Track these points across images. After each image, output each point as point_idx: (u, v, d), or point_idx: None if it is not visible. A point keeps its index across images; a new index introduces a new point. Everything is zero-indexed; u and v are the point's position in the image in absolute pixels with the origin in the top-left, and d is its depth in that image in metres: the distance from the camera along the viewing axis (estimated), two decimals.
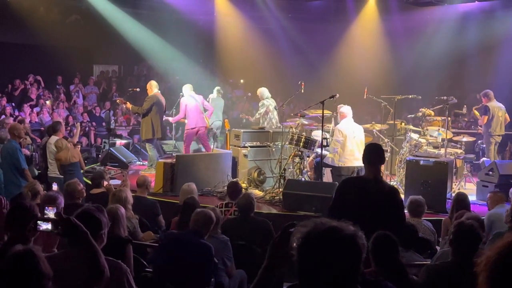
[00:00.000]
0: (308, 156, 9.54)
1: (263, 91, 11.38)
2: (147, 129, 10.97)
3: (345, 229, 1.92)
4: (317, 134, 9.61)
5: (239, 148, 10.08)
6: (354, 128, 9.20)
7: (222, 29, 17.72)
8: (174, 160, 9.47)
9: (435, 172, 8.29)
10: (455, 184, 10.05)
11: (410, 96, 10.84)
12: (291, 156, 9.29)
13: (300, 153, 9.21)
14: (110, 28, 16.26)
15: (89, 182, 8.08)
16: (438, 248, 5.82)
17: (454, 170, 10.35)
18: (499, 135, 11.09)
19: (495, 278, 1.97)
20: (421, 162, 8.47)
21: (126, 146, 13.32)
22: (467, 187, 9.74)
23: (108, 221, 3.46)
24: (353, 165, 9.02)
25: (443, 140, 10.02)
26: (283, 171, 9.22)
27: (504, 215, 5.70)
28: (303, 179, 9.18)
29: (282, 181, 9.04)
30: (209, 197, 9.01)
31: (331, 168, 9.31)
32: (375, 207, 4.47)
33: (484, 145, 11.15)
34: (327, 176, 9.42)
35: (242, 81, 20.18)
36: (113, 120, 14.74)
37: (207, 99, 12.59)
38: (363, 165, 8.90)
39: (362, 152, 8.83)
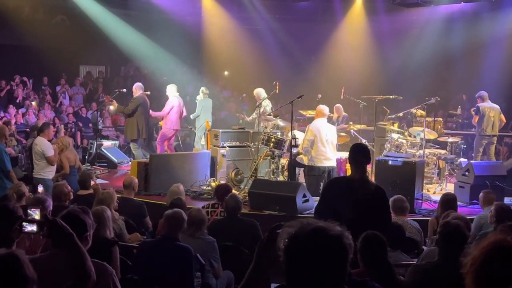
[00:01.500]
0: (281, 156, 9.57)
1: (260, 91, 11.33)
2: (132, 129, 11.14)
3: (332, 229, 1.91)
4: (295, 134, 9.67)
5: (218, 148, 10.16)
6: (326, 128, 9.20)
7: (209, 29, 17.70)
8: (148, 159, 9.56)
9: (403, 172, 8.31)
10: (438, 185, 10.12)
11: (391, 97, 10.89)
12: (262, 156, 9.49)
13: (271, 153, 9.38)
14: (97, 28, 16.18)
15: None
16: (425, 247, 5.84)
17: (437, 170, 10.44)
18: (489, 135, 11.11)
19: (481, 278, 1.98)
20: (390, 162, 8.51)
21: (123, 146, 13.32)
22: (448, 188, 9.78)
23: (93, 222, 3.44)
24: (324, 165, 9.06)
25: (421, 140, 10.08)
26: (254, 171, 9.42)
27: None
28: (278, 178, 9.28)
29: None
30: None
31: (303, 168, 9.36)
32: (362, 207, 4.48)
33: (465, 146, 11.12)
34: (301, 176, 9.52)
35: (226, 73, 20.12)
36: (100, 121, 14.68)
37: (196, 101, 12.63)
38: (334, 165, 9.08)
39: (334, 152, 9.07)
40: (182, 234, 4.95)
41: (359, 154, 4.73)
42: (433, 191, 9.84)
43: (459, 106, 15.82)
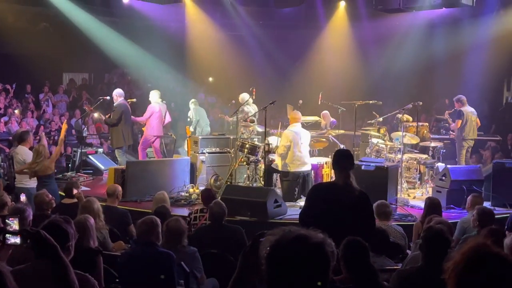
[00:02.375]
0: (257, 162, 9.63)
1: (245, 96, 11.38)
2: (117, 137, 11.16)
3: (313, 237, 1.91)
4: (269, 140, 9.72)
5: (197, 154, 10.19)
6: (302, 133, 9.26)
7: (193, 36, 17.67)
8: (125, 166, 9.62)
9: (375, 177, 8.38)
10: (419, 190, 10.17)
11: (371, 102, 10.95)
12: (237, 163, 9.62)
13: (247, 159, 9.50)
14: (80, 36, 16.09)
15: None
16: (409, 252, 5.87)
17: (418, 175, 10.50)
18: (471, 139, 11.24)
19: (462, 283, 1.99)
20: (362, 167, 8.60)
21: (107, 153, 13.26)
22: (429, 192, 9.83)
23: (75, 232, 3.40)
24: (300, 170, 9.11)
25: (400, 145, 10.14)
26: (229, 177, 9.55)
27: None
28: (255, 184, 9.37)
29: None
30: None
31: (279, 173, 9.43)
32: (346, 212, 4.49)
33: (444, 150, 11.14)
34: (279, 182, 9.63)
35: (210, 79, 20.11)
36: (85, 129, 14.61)
37: (189, 117, 12.73)
38: (309, 169, 9.15)
39: (308, 157, 9.12)
40: (162, 246, 4.90)
41: (343, 159, 4.76)
42: (414, 195, 9.90)
43: (447, 111, 15.98)
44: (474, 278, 1.96)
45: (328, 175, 9.99)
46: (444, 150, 11.01)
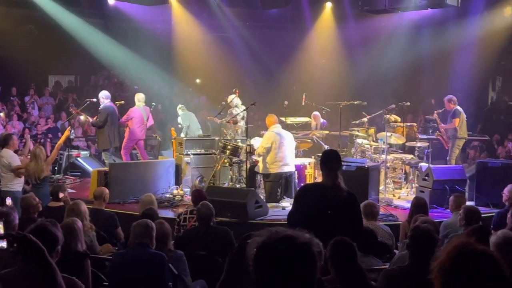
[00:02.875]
0: (240, 163, 9.67)
1: (232, 98, 11.38)
2: (103, 140, 11.18)
3: (300, 237, 1.91)
4: (254, 141, 9.75)
5: (182, 155, 10.24)
6: (284, 134, 9.29)
7: (180, 37, 17.64)
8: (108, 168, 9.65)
9: (356, 177, 8.38)
10: (404, 189, 10.20)
11: (356, 102, 10.95)
12: (220, 164, 9.70)
13: (229, 160, 9.60)
14: (66, 38, 16.00)
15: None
16: (396, 251, 5.90)
17: (404, 175, 10.54)
18: (464, 138, 11.23)
19: (447, 282, 2.00)
20: (344, 168, 8.60)
21: (94, 156, 13.20)
22: (414, 192, 9.88)
23: (62, 235, 3.38)
24: (282, 171, 9.15)
25: (387, 145, 10.19)
26: (212, 178, 9.62)
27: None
28: (238, 186, 9.44)
29: None
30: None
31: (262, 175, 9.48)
32: (335, 213, 4.50)
33: (429, 150, 11.07)
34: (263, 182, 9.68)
35: (197, 81, 20.09)
36: (72, 131, 14.51)
37: (179, 123, 12.75)
38: (292, 170, 9.20)
39: (292, 158, 9.16)
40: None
41: (330, 159, 4.76)
42: (398, 195, 9.95)
43: (435, 112, 16.05)
44: (459, 277, 1.97)
45: (311, 175, 10.04)
46: (429, 150, 11.04)
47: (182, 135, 12.78)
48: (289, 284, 1.86)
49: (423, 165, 10.40)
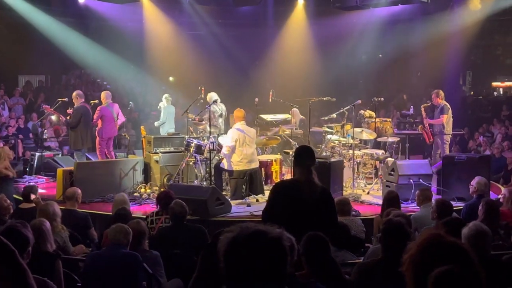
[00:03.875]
0: (206, 161, 9.73)
1: (211, 95, 11.35)
2: (76, 139, 11.16)
3: (270, 232, 1.91)
4: (221, 139, 9.76)
5: (151, 154, 10.24)
6: (246, 131, 9.32)
7: (152, 35, 17.52)
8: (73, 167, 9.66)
9: (318, 172, 8.37)
10: (374, 184, 10.25)
11: (325, 98, 10.96)
12: (185, 162, 9.73)
13: (194, 158, 9.66)
14: (36, 37, 15.79)
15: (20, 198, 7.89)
16: (370, 245, 5.95)
17: (374, 170, 10.60)
18: (450, 134, 11.16)
19: (418, 274, 2.02)
20: None
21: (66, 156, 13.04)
22: (383, 188, 9.92)
23: (32, 237, 3.34)
24: (245, 168, 9.20)
25: (354, 141, 10.25)
26: (177, 176, 9.66)
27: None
28: (203, 184, 9.54)
29: None
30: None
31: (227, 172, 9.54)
32: (309, 208, 4.52)
33: (396, 145, 10.99)
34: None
35: (171, 78, 19.97)
36: (45, 131, 14.35)
37: (158, 108, 12.61)
38: (256, 166, 9.22)
39: (255, 154, 9.17)
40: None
41: (304, 156, 4.77)
42: (368, 191, 10.02)
43: (412, 106, 16.21)
44: (429, 269, 2.00)
45: (277, 172, 10.06)
46: (396, 146, 11.09)
47: (157, 125, 12.68)
48: (260, 279, 1.86)
49: (390, 160, 10.40)
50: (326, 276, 3.78)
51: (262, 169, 9.92)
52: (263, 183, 9.79)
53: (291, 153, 10.16)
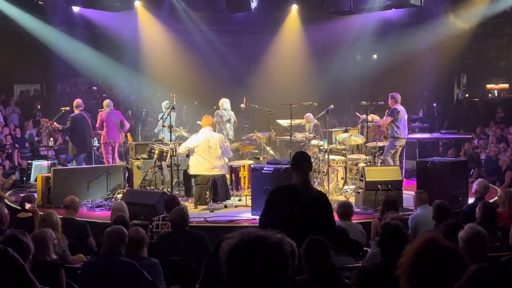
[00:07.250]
0: (173, 167, 9.72)
1: (222, 102, 11.47)
2: (71, 146, 11.53)
3: (271, 237, 1.93)
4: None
5: (133, 160, 10.40)
6: (210, 138, 9.26)
7: (147, 43, 17.53)
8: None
9: (274, 179, 8.36)
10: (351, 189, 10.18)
11: (306, 103, 10.86)
12: (150, 168, 9.87)
13: (160, 164, 9.74)
14: (31, 46, 15.80)
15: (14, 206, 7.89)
16: (369, 249, 5.96)
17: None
18: (404, 138, 11.01)
19: (412, 277, 2.04)
20: (263, 170, 8.68)
21: (64, 164, 13.02)
22: None
23: (33, 245, 3.34)
24: (208, 174, 9.19)
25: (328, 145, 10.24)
26: (143, 182, 9.79)
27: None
28: (176, 189, 9.65)
29: None
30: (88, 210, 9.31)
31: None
32: (306, 213, 4.53)
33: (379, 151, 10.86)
34: None
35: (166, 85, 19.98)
36: (42, 139, 14.34)
37: (159, 118, 12.63)
38: (220, 173, 9.21)
39: (220, 160, 9.11)
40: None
41: (301, 161, 4.79)
42: (347, 196, 9.94)
43: (421, 110, 16.25)
44: (423, 272, 2.01)
45: (246, 178, 10.00)
46: (379, 151, 11.02)
47: (156, 130, 12.73)
48: (261, 284, 1.88)
49: (363, 165, 10.26)
50: (326, 280, 3.80)
51: (232, 174, 10.05)
52: (233, 189, 10.01)
53: (261, 159, 10.34)
